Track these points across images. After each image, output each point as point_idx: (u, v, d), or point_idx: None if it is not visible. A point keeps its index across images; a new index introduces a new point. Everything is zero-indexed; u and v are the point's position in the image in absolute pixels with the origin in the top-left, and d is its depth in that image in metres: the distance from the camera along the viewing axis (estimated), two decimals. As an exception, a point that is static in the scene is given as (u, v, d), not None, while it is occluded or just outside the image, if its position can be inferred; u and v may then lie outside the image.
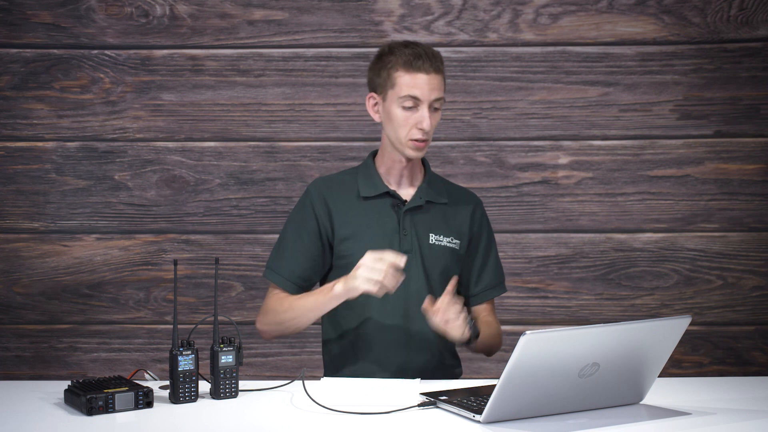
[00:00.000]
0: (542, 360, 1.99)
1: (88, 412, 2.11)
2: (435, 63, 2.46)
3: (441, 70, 2.48)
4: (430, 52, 2.47)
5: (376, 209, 2.53)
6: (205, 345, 2.30)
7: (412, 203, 2.54)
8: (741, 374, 3.30)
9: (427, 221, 2.55)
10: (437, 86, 2.46)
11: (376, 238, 2.51)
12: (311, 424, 2.08)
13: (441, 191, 2.59)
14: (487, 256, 2.62)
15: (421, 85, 2.44)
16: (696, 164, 3.30)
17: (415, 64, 2.45)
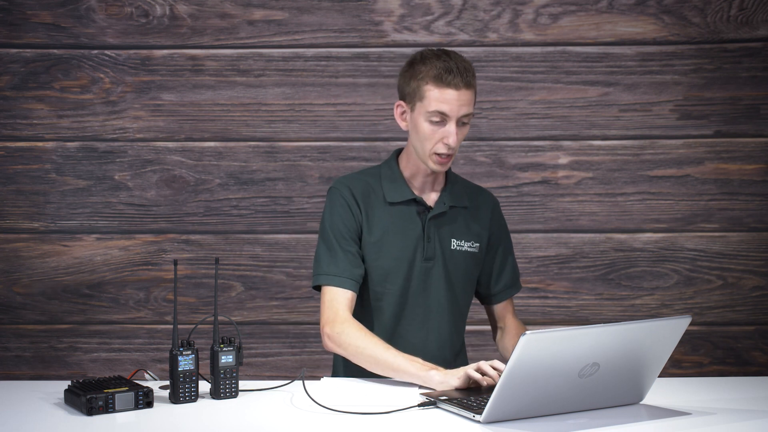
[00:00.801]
0: (542, 360, 1.99)
1: (88, 412, 2.11)
2: (466, 78, 2.40)
3: (472, 85, 2.42)
4: (462, 66, 2.41)
5: (402, 215, 2.51)
6: (205, 345, 2.30)
7: (437, 210, 2.51)
8: (741, 374, 3.30)
9: (449, 227, 2.53)
10: (467, 102, 2.41)
11: (401, 245, 2.50)
12: (311, 424, 2.08)
13: (463, 195, 2.57)
14: (506, 255, 2.62)
15: (450, 101, 2.40)
16: (696, 164, 3.30)
17: (445, 79, 2.40)
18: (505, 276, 2.62)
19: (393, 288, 2.51)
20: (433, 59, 2.42)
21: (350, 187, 2.51)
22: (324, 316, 2.45)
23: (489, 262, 2.60)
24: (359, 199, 2.50)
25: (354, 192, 2.50)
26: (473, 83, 2.43)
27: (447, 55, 2.44)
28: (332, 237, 2.48)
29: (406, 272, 2.50)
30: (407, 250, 2.50)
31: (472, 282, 2.58)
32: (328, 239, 2.48)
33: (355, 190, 2.51)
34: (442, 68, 2.40)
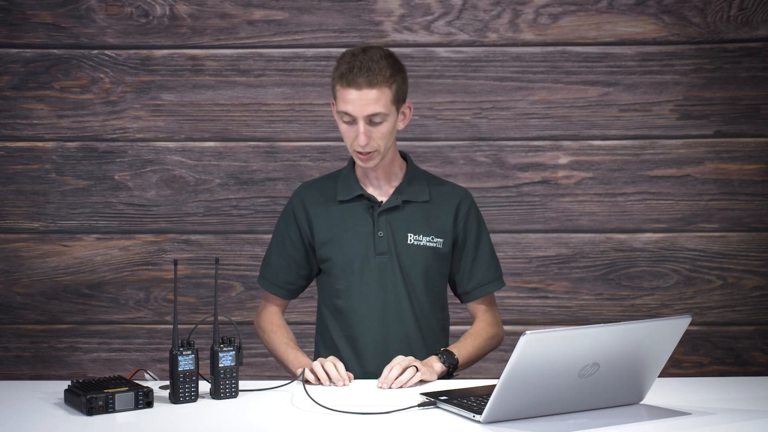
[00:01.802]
0: (542, 360, 1.99)
1: (88, 412, 2.11)
2: (369, 77, 2.39)
3: (378, 84, 2.40)
4: (366, 65, 2.40)
5: (352, 212, 2.55)
6: (205, 345, 2.30)
7: (388, 204, 2.53)
8: (741, 374, 3.30)
9: (405, 221, 2.53)
10: (372, 101, 2.40)
11: (353, 241, 2.53)
12: (311, 424, 2.08)
13: (422, 189, 2.56)
14: (477, 251, 2.58)
15: (353, 101, 2.41)
16: (696, 164, 3.30)
17: (347, 79, 2.40)
18: (477, 273, 2.58)
19: (348, 284, 2.54)
20: (345, 58, 2.44)
21: (300, 194, 2.61)
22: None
23: (458, 259, 2.58)
24: (307, 203, 2.58)
25: (303, 197, 2.60)
26: (381, 82, 2.40)
27: (360, 54, 2.43)
28: (273, 243, 2.63)
29: (359, 268, 2.53)
30: (359, 246, 2.53)
31: (436, 277, 2.56)
32: (270, 245, 2.64)
33: (306, 195, 2.60)
34: (346, 68, 2.41)
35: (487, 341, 2.56)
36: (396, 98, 2.44)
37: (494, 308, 2.63)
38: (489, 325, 2.58)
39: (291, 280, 2.61)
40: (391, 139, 2.48)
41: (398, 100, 2.45)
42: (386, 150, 2.48)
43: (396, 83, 2.43)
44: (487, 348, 2.57)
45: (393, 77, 2.42)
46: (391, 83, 2.42)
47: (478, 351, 2.53)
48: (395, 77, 2.43)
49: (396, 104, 2.45)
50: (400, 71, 2.46)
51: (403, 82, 2.46)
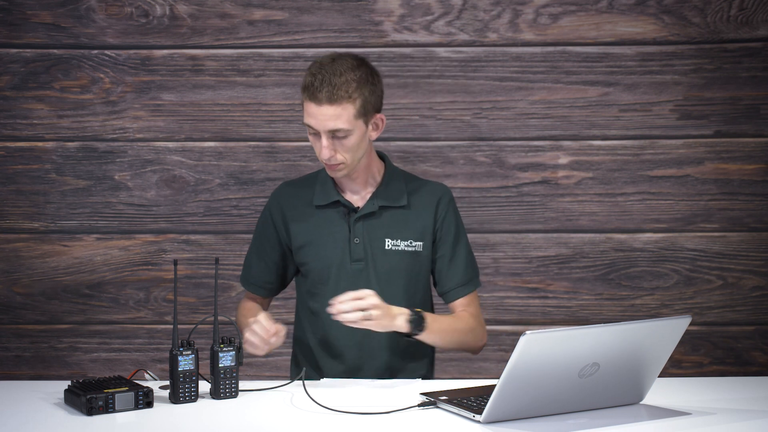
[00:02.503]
0: (542, 360, 1.99)
1: (88, 412, 2.11)
2: (331, 92, 2.35)
3: (339, 99, 2.36)
4: (328, 80, 2.36)
5: (328, 218, 2.53)
6: (205, 345, 2.30)
7: (363, 210, 2.50)
8: (741, 374, 3.30)
9: (382, 227, 2.51)
10: (332, 117, 2.36)
11: (329, 247, 2.52)
12: (311, 424, 2.09)
13: (399, 193, 2.52)
14: (455, 250, 2.54)
15: (314, 115, 2.38)
16: (696, 164, 3.30)
17: (309, 92, 2.37)
18: (455, 274, 2.54)
19: (324, 290, 2.52)
20: (312, 68, 2.40)
21: (278, 195, 2.60)
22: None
23: (438, 258, 2.54)
24: (285, 206, 2.57)
25: (281, 200, 2.59)
26: (342, 98, 2.36)
27: (327, 65, 2.38)
28: (252, 243, 2.65)
29: (335, 274, 2.51)
30: (335, 253, 2.51)
31: (417, 280, 2.53)
32: (250, 245, 2.66)
33: (284, 197, 2.59)
34: (310, 80, 2.37)
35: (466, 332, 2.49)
36: (362, 112, 2.39)
37: (476, 307, 2.56)
38: (471, 317, 2.53)
39: (269, 280, 2.62)
40: (359, 151, 2.43)
41: (365, 113, 2.41)
42: (355, 161, 2.44)
43: (361, 97, 2.38)
44: (465, 338, 2.49)
45: (358, 91, 2.37)
46: (355, 98, 2.37)
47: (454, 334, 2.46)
48: (361, 91, 2.38)
49: (363, 117, 2.40)
50: (369, 83, 2.41)
51: (371, 94, 2.41)
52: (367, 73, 2.41)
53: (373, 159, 2.53)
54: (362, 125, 2.41)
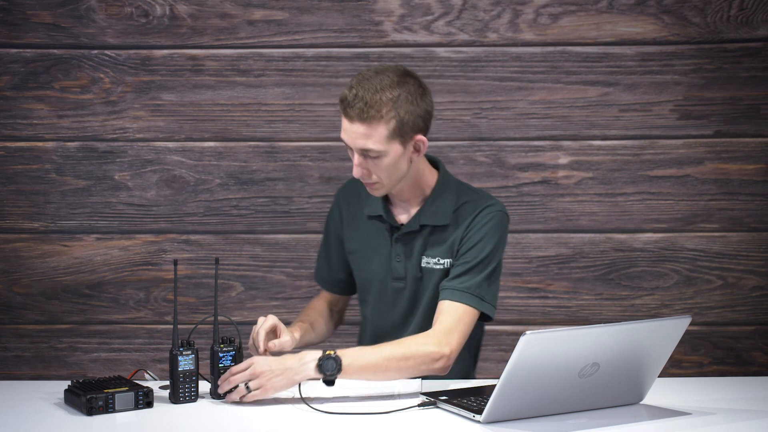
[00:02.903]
0: (542, 360, 1.99)
1: (88, 412, 2.11)
2: (359, 110, 2.23)
3: (370, 119, 2.23)
4: (362, 96, 2.23)
5: (375, 229, 2.47)
6: (205, 345, 2.30)
7: (404, 229, 2.42)
8: (741, 374, 3.30)
9: (421, 244, 2.42)
10: (362, 135, 2.25)
11: (373, 260, 2.48)
12: (311, 425, 2.08)
13: (444, 213, 2.40)
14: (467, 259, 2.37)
15: (346, 130, 2.28)
16: (696, 164, 3.30)
17: (342, 105, 2.27)
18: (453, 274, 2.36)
19: (368, 299, 2.53)
20: (352, 80, 2.29)
21: (342, 195, 2.56)
22: None
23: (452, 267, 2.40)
24: (343, 207, 2.54)
25: (341, 200, 2.55)
26: (373, 117, 2.24)
27: (369, 79, 2.27)
28: (323, 238, 2.61)
29: (376, 288, 2.49)
30: (380, 268, 2.47)
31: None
32: (322, 240, 2.62)
33: (345, 198, 2.55)
34: (345, 94, 2.27)
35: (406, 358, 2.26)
36: (397, 133, 2.27)
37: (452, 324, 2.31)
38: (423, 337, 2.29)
39: (339, 278, 2.58)
40: (395, 172, 2.32)
41: (401, 135, 2.27)
42: (392, 182, 2.34)
43: (396, 118, 2.26)
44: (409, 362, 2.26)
45: (393, 111, 2.25)
46: (390, 118, 2.25)
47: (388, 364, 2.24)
48: (396, 111, 2.25)
49: (398, 138, 2.27)
50: (409, 102, 2.27)
51: (409, 114, 2.27)
52: (409, 91, 2.28)
53: (422, 175, 2.41)
54: (398, 147, 2.28)
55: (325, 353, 2.20)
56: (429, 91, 2.34)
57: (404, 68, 2.33)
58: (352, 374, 2.22)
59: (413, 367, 2.27)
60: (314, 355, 2.20)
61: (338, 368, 2.20)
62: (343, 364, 2.20)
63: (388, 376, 2.26)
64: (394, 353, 2.25)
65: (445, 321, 2.32)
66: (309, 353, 2.21)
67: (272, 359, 2.21)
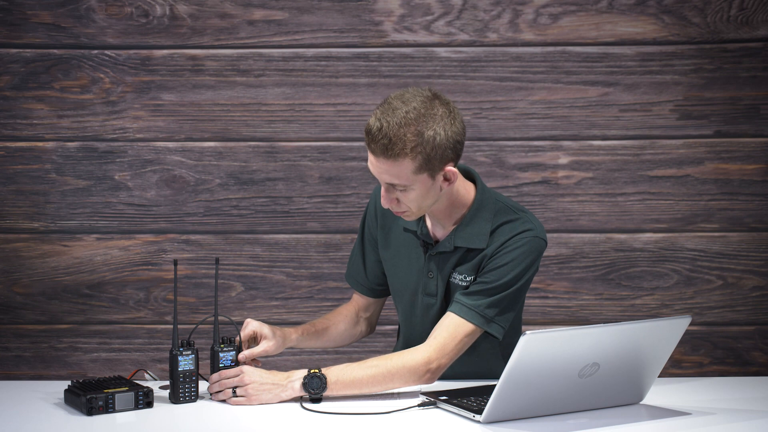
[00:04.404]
0: (542, 360, 1.99)
1: (88, 412, 2.11)
2: (385, 147, 2.14)
3: (395, 156, 2.14)
4: (385, 131, 2.14)
5: (410, 243, 2.41)
6: (205, 345, 2.30)
7: (439, 248, 2.35)
8: (741, 374, 3.30)
9: (453, 261, 2.35)
10: (386, 171, 2.17)
11: (407, 272, 2.43)
12: (311, 424, 2.09)
13: (481, 234, 2.31)
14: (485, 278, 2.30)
15: (372, 163, 2.20)
16: (696, 164, 3.30)
17: (368, 138, 2.18)
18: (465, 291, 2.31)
19: (400, 307, 2.51)
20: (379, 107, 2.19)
21: (377, 196, 2.46)
22: None
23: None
24: (382, 211, 2.46)
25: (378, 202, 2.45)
26: (398, 154, 2.14)
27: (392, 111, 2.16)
28: (358, 236, 2.56)
29: (408, 300, 2.46)
30: (412, 280, 2.43)
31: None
32: (356, 240, 2.57)
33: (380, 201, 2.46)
34: (370, 125, 2.17)
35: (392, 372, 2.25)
36: (424, 167, 2.18)
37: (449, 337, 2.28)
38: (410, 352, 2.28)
39: (374, 280, 2.53)
40: (425, 201, 2.24)
41: (429, 168, 2.18)
42: (423, 209, 2.27)
43: (423, 153, 2.16)
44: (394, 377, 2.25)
45: (420, 147, 2.15)
46: (416, 154, 2.15)
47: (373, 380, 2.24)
48: (423, 147, 2.15)
49: (426, 172, 2.19)
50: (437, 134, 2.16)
51: (436, 148, 2.16)
52: (436, 123, 2.17)
53: (457, 195, 2.33)
54: (426, 179, 2.20)
55: (310, 371, 2.21)
56: (459, 116, 2.23)
57: (433, 93, 2.21)
58: (339, 391, 2.23)
59: (399, 381, 2.26)
60: (301, 374, 2.22)
61: (323, 386, 2.20)
62: (329, 381, 2.21)
63: (374, 390, 2.26)
64: (379, 368, 2.25)
65: (441, 335, 2.29)
66: (297, 372, 2.23)
67: (262, 372, 2.23)
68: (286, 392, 2.22)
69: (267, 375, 2.22)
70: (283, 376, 2.23)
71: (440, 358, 2.27)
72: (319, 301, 3.33)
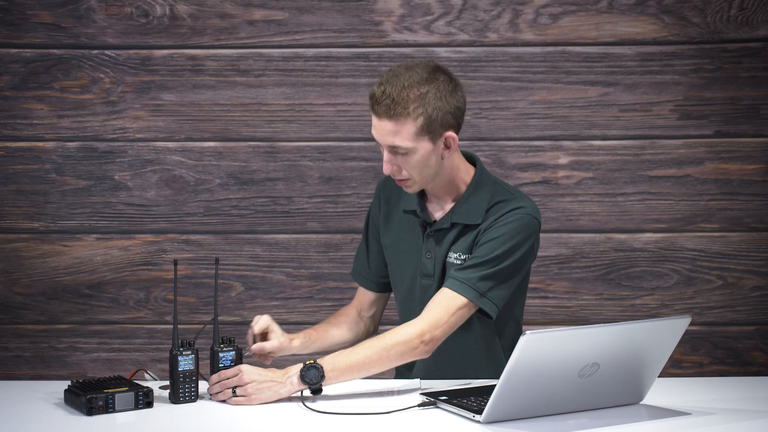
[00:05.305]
0: (542, 360, 1.99)
1: (88, 412, 2.11)
2: (390, 107, 2.22)
3: (398, 116, 2.22)
4: (389, 93, 2.22)
5: (409, 225, 2.44)
6: (205, 345, 2.30)
7: (436, 226, 2.38)
8: (741, 374, 3.30)
9: (449, 240, 2.38)
10: (389, 132, 2.24)
11: (406, 256, 2.46)
12: (312, 424, 2.08)
13: (477, 211, 2.35)
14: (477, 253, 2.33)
15: (375, 127, 2.27)
16: (696, 164, 3.30)
17: (371, 102, 2.26)
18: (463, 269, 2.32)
19: (399, 296, 2.52)
20: (382, 76, 2.29)
21: (383, 186, 2.52)
22: None
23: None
24: (385, 199, 2.50)
25: (384, 191, 2.51)
26: (401, 114, 2.22)
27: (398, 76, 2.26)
28: (363, 233, 2.58)
29: (407, 285, 2.47)
30: (411, 262, 2.45)
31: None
32: (362, 235, 2.59)
33: (386, 189, 2.51)
34: (373, 90, 2.26)
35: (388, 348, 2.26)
36: (426, 130, 2.24)
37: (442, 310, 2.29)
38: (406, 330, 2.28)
39: (378, 273, 2.54)
40: (426, 169, 2.29)
41: (430, 131, 2.25)
42: (424, 179, 2.32)
43: (425, 115, 2.23)
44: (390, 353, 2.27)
45: (421, 108, 2.23)
46: (417, 115, 2.23)
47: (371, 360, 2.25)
48: (425, 108, 2.23)
49: (428, 135, 2.25)
50: (438, 99, 2.24)
51: (438, 111, 2.24)
52: (438, 88, 2.25)
53: (457, 172, 2.37)
54: (427, 143, 2.26)
55: (306, 363, 2.21)
56: (461, 86, 2.31)
57: (435, 64, 2.30)
58: (338, 377, 2.23)
59: (395, 357, 2.27)
60: (297, 368, 2.23)
61: (321, 375, 2.21)
62: (325, 370, 2.21)
63: (373, 371, 2.27)
64: (373, 348, 2.26)
65: (434, 310, 2.30)
66: (293, 367, 2.23)
67: (260, 370, 2.24)
68: (285, 388, 2.21)
69: (265, 373, 2.23)
70: (281, 373, 2.23)
71: (433, 330, 2.27)
72: (319, 301, 3.33)
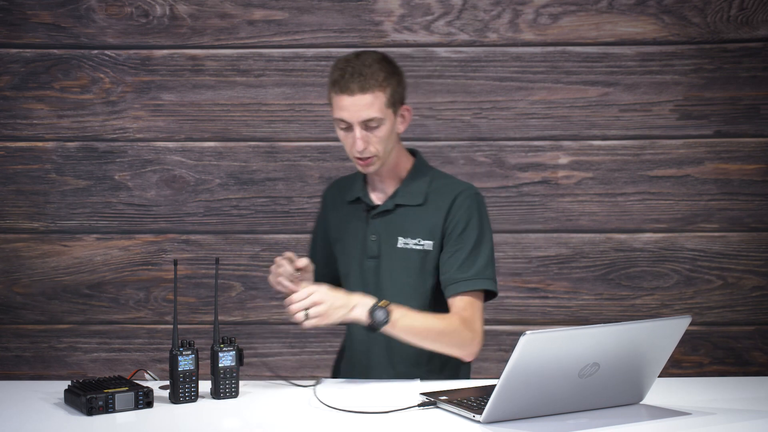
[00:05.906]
0: (542, 360, 1.99)
1: (88, 412, 2.11)
2: (361, 81, 2.39)
3: (370, 88, 2.40)
4: (358, 70, 2.40)
5: (354, 214, 2.58)
6: (205, 345, 2.30)
7: (380, 208, 2.53)
8: (741, 374, 3.30)
9: (397, 225, 2.52)
10: (365, 106, 2.40)
11: (351, 244, 2.57)
12: (311, 424, 2.09)
13: (418, 193, 2.51)
14: (458, 246, 2.46)
15: (347, 107, 2.41)
16: (696, 164, 3.30)
17: (340, 85, 2.41)
18: (450, 268, 2.45)
19: (347, 285, 2.55)
20: (338, 64, 2.44)
21: (327, 192, 2.70)
22: None
23: (442, 255, 2.48)
24: (329, 200, 2.67)
25: (328, 194, 2.69)
26: (373, 86, 2.40)
27: (353, 59, 2.43)
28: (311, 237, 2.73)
29: (357, 271, 2.55)
30: (356, 249, 2.55)
31: (425, 281, 2.49)
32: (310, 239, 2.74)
33: (329, 194, 2.69)
34: (338, 74, 2.42)
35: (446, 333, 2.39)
36: (391, 101, 2.44)
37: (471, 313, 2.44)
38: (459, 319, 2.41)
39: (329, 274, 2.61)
40: (389, 142, 2.46)
41: (394, 103, 2.45)
42: (386, 154, 2.47)
43: (390, 86, 2.43)
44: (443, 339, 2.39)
45: (387, 80, 2.42)
46: (385, 87, 2.42)
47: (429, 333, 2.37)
48: (389, 80, 2.43)
49: (392, 107, 2.44)
50: (395, 74, 2.46)
51: (398, 84, 2.46)
52: (391, 64, 2.47)
53: (401, 156, 2.55)
54: (392, 115, 2.45)
55: (378, 303, 2.32)
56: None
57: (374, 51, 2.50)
58: (396, 331, 2.34)
59: (447, 343, 2.41)
60: (365, 301, 2.32)
61: (385, 321, 2.31)
62: (392, 318, 2.32)
63: (424, 344, 2.39)
64: (436, 325, 2.39)
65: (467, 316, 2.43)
66: (357, 296, 2.34)
67: (331, 291, 2.32)
68: (353, 313, 2.31)
69: (336, 294, 2.32)
70: (352, 297, 2.33)
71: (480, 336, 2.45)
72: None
